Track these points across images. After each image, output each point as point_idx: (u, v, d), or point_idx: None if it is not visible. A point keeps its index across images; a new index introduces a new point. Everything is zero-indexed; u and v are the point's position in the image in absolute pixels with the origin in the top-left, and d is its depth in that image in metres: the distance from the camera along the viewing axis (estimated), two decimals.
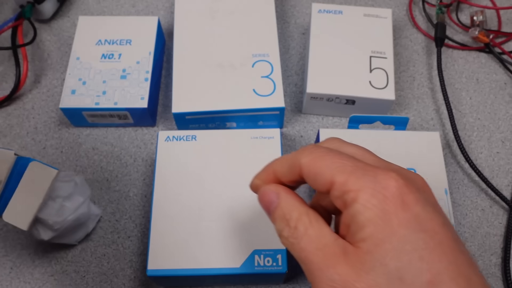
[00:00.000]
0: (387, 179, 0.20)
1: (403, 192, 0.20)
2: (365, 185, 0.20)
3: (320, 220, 0.22)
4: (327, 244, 0.20)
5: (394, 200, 0.19)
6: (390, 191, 0.20)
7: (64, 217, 0.34)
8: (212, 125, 0.43)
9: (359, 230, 0.20)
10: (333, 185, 0.21)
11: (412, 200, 0.20)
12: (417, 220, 0.19)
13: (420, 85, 0.48)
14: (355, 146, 0.24)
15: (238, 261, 0.33)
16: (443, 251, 0.19)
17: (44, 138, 0.44)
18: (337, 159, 0.21)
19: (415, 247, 0.19)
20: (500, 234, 0.40)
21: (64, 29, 0.50)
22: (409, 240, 0.19)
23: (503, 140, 0.45)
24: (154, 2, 0.52)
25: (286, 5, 0.53)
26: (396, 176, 0.20)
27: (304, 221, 0.22)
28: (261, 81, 0.41)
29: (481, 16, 0.50)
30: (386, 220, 0.19)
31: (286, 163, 0.24)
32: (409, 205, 0.19)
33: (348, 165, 0.21)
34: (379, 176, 0.20)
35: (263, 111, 0.41)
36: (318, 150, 0.23)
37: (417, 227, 0.19)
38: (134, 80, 0.42)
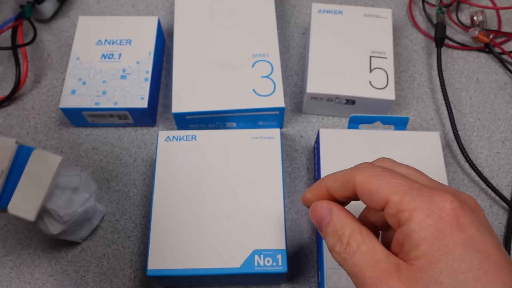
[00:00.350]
0: (442, 200, 0.21)
1: (458, 214, 0.20)
2: (420, 205, 0.21)
3: (372, 236, 0.22)
4: (380, 260, 0.21)
5: (450, 221, 0.20)
6: (445, 212, 0.20)
7: (73, 209, 0.35)
8: (212, 125, 0.43)
9: (414, 248, 0.20)
10: (387, 204, 0.22)
11: (467, 221, 0.20)
12: (472, 241, 0.20)
13: (420, 85, 0.48)
14: (406, 166, 0.25)
15: (238, 261, 0.33)
16: (497, 272, 0.19)
17: (44, 138, 0.44)
18: (392, 179, 0.22)
19: (470, 267, 0.19)
20: (500, 234, 0.40)
21: (64, 29, 0.50)
22: (464, 259, 0.19)
23: (503, 140, 0.45)
24: (154, 2, 0.52)
25: (286, 5, 0.53)
26: (451, 197, 0.21)
27: (356, 237, 0.22)
28: (261, 81, 0.41)
29: (481, 16, 0.50)
30: (441, 240, 0.20)
31: (340, 179, 0.25)
32: (464, 226, 0.20)
33: (403, 184, 0.22)
34: (434, 197, 0.21)
35: (263, 111, 0.41)
36: (373, 168, 0.23)
37: (472, 248, 0.20)
38: (134, 80, 0.42)
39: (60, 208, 0.34)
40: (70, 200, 0.35)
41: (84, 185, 0.37)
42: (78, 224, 0.36)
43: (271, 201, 0.35)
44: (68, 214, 0.34)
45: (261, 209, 0.35)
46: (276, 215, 0.35)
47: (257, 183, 0.36)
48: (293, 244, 0.39)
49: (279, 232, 0.34)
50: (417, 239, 0.20)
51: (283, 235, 0.34)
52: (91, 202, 0.36)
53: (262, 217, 0.35)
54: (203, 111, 0.40)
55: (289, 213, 0.40)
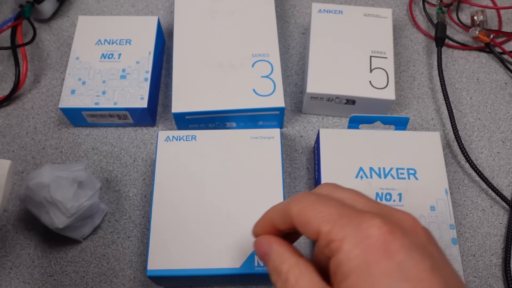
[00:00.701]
0: (370, 227, 0.20)
1: (386, 240, 0.20)
2: (348, 234, 0.20)
3: (311, 269, 0.22)
4: None
5: (377, 249, 0.20)
6: (372, 240, 0.20)
7: (80, 202, 0.35)
8: (212, 125, 0.43)
9: (344, 279, 0.20)
10: (319, 235, 0.21)
11: (396, 247, 0.20)
12: (400, 269, 0.19)
13: (421, 85, 0.48)
14: (347, 190, 0.24)
15: (238, 261, 0.33)
16: None
17: (43, 138, 0.44)
18: (324, 208, 0.22)
19: None
20: (501, 234, 0.40)
21: (64, 28, 0.50)
22: (387, 283, 0.19)
23: (503, 140, 0.45)
24: (153, 1, 0.52)
25: (286, 5, 0.53)
26: (379, 223, 0.20)
27: (294, 272, 0.22)
28: (261, 81, 0.41)
29: (482, 16, 0.49)
30: (368, 270, 0.19)
31: (280, 212, 0.24)
32: (392, 253, 0.19)
33: (333, 213, 0.21)
34: (363, 224, 0.20)
35: (263, 111, 0.41)
36: (306, 199, 0.23)
37: (400, 276, 0.19)
38: (134, 80, 0.42)
39: (67, 200, 0.34)
40: (76, 194, 0.35)
41: (89, 181, 0.37)
42: (82, 220, 0.37)
43: (271, 201, 0.35)
44: (74, 206, 0.35)
45: (261, 209, 0.35)
46: None
47: (257, 183, 0.36)
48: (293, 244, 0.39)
49: None
50: (346, 270, 0.20)
51: None
52: (95, 198, 0.37)
53: None
54: (203, 111, 0.40)
55: None
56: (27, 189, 0.35)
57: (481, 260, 0.39)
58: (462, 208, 0.41)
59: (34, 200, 0.35)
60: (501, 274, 0.38)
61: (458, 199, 0.42)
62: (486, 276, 0.38)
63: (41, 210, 0.35)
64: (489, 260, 0.39)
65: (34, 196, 0.35)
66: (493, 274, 0.38)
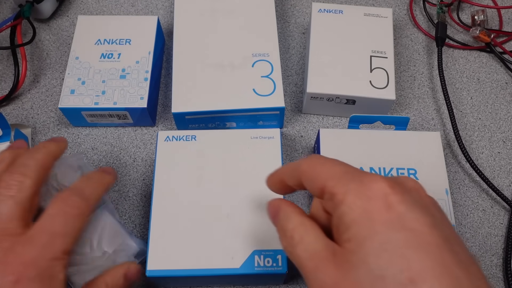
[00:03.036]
0: (372, 181, 0.21)
1: (386, 193, 0.20)
2: (351, 188, 0.21)
3: (316, 228, 0.23)
4: (319, 249, 0.22)
5: (378, 201, 0.20)
6: (373, 193, 0.21)
7: None
8: (212, 125, 0.43)
9: (345, 230, 0.21)
10: (324, 190, 0.22)
11: (396, 200, 0.20)
12: (400, 220, 0.20)
13: (421, 85, 0.48)
14: None
15: (238, 261, 0.33)
16: (427, 250, 0.19)
17: (43, 138, 0.44)
18: (330, 166, 0.23)
19: (397, 246, 0.19)
20: (501, 234, 0.40)
21: (63, 28, 0.50)
22: (390, 239, 0.19)
23: (504, 140, 0.45)
24: (153, 1, 0.52)
25: (286, 5, 0.52)
26: (381, 179, 0.21)
27: (299, 230, 0.23)
28: (261, 81, 0.41)
29: (482, 16, 0.49)
30: (368, 220, 0.20)
31: (291, 169, 0.26)
32: (393, 206, 0.20)
33: (338, 171, 0.23)
34: (365, 179, 0.21)
35: (263, 111, 0.41)
36: (316, 158, 0.24)
37: (400, 227, 0.19)
38: (134, 80, 0.42)
39: None
40: None
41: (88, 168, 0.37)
42: None
43: None
44: None
45: (261, 209, 0.35)
46: None
47: (257, 183, 0.36)
48: None
49: None
50: (347, 221, 0.21)
51: None
52: None
53: (262, 217, 0.34)
54: (203, 111, 0.40)
55: None
56: None
57: (481, 260, 0.39)
58: (462, 208, 0.41)
59: None
60: (501, 275, 0.38)
61: (458, 199, 0.41)
62: (487, 276, 0.38)
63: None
64: (490, 261, 0.39)
65: None
66: (493, 275, 0.38)
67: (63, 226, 0.26)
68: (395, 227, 0.20)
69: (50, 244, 0.26)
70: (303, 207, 0.41)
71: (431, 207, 0.22)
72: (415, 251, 0.19)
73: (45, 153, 0.30)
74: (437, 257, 0.19)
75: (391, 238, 0.19)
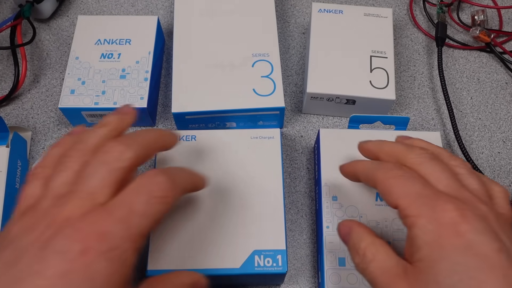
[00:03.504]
0: (444, 210, 0.23)
1: (457, 222, 0.22)
2: (423, 212, 0.23)
3: (386, 246, 0.25)
4: (391, 267, 0.24)
5: (448, 228, 0.22)
6: (445, 221, 0.22)
7: None
8: (212, 125, 0.43)
9: (417, 251, 0.23)
10: (397, 207, 0.25)
11: (466, 229, 0.22)
12: (469, 246, 0.22)
13: (421, 85, 0.48)
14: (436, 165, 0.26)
15: (238, 261, 0.33)
16: (494, 272, 0.21)
17: (43, 138, 0.44)
18: (405, 185, 0.25)
19: (467, 268, 0.21)
20: None
21: (63, 28, 0.50)
22: (460, 262, 0.21)
23: (504, 140, 0.45)
24: (153, 1, 0.52)
25: (286, 5, 0.52)
26: (452, 208, 0.23)
27: (371, 249, 0.25)
28: (261, 81, 0.41)
29: (482, 16, 0.49)
30: (439, 244, 0.22)
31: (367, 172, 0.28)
32: (463, 233, 0.22)
33: (413, 192, 0.24)
34: (438, 207, 0.23)
35: (263, 111, 0.41)
36: (393, 171, 0.26)
37: (469, 252, 0.22)
38: (134, 80, 0.42)
39: None
40: None
41: None
42: None
43: (271, 201, 0.35)
44: None
45: (261, 209, 0.35)
46: (276, 215, 0.34)
47: (257, 183, 0.36)
48: (293, 244, 0.39)
49: (279, 232, 0.34)
50: (419, 243, 0.23)
51: (283, 235, 0.34)
52: None
53: (262, 217, 0.34)
54: (203, 111, 0.40)
55: (289, 213, 0.40)
56: None
57: None
58: None
59: None
60: None
61: None
62: None
63: None
64: None
65: None
66: None
67: (144, 205, 0.24)
68: (464, 252, 0.22)
69: (127, 220, 0.23)
70: (303, 207, 0.41)
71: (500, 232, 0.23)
72: (483, 273, 0.21)
73: (155, 136, 0.28)
74: (503, 278, 0.21)
75: (461, 261, 0.21)
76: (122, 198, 0.24)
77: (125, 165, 0.25)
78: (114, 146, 0.25)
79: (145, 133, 0.28)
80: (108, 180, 0.24)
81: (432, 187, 0.25)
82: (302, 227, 0.40)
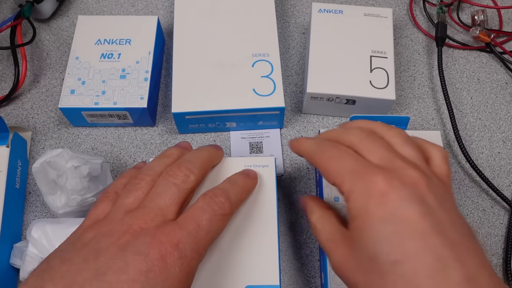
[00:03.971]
0: (372, 182, 0.25)
1: (383, 192, 0.25)
2: (355, 187, 0.26)
3: (332, 218, 0.29)
4: (333, 235, 0.27)
5: (376, 198, 0.25)
6: (373, 191, 0.25)
7: (85, 197, 0.36)
8: (212, 125, 0.43)
9: (351, 221, 0.26)
10: (334, 185, 0.27)
11: (391, 197, 0.24)
12: (393, 214, 0.24)
13: (421, 85, 0.48)
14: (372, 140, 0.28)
15: None
16: (414, 237, 0.23)
17: (43, 138, 0.44)
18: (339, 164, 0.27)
19: (389, 235, 0.24)
20: (501, 234, 0.40)
21: (63, 28, 0.50)
22: (384, 229, 0.24)
23: (504, 140, 0.45)
24: (153, 1, 0.52)
25: (286, 5, 0.52)
26: (380, 179, 0.25)
27: (320, 222, 0.29)
28: (261, 81, 0.41)
29: (482, 16, 0.49)
30: (368, 214, 0.25)
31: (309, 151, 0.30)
32: (387, 202, 0.24)
33: (346, 169, 0.27)
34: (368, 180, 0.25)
35: (263, 111, 0.41)
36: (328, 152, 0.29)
37: (392, 219, 0.24)
38: (134, 80, 0.42)
39: (75, 192, 0.35)
40: (85, 187, 0.36)
41: (103, 176, 0.38)
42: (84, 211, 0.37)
43: (264, 234, 0.33)
44: (77, 199, 0.36)
45: (254, 242, 0.33)
46: (270, 249, 0.32)
47: (250, 215, 0.33)
48: (293, 244, 0.39)
49: (273, 267, 0.32)
50: (353, 214, 0.26)
51: (276, 269, 0.32)
52: None
53: (255, 251, 0.32)
54: (203, 111, 0.40)
55: (289, 213, 0.40)
56: (45, 163, 0.36)
57: None
58: (462, 208, 0.41)
59: (47, 175, 0.36)
60: (501, 275, 0.38)
61: (458, 199, 0.41)
62: None
63: (48, 188, 0.36)
64: (490, 261, 0.39)
65: (48, 172, 0.35)
66: None
67: (208, 222, 0.28)
68: (388, 220, 0.24)
69: (195, 233, 0.27)
70: None
71: (427, 197, 0.25)
72: (404, 238, 0.23)
73: (208, 156, 0.32)
74: (422, 241, 0.23)
75: (385, 229, 0.24)
76: (190, 214, 0.28)
77: (190, 187, 0.29)
78: (179, 170, 0.29)
79: (200, 155, 0.32)
80: (176, 199, 0.28)
81: (364, 162, 0.27)
82: (302, 227, 0.40)
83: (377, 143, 0.28)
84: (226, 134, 0.44)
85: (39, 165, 0.36)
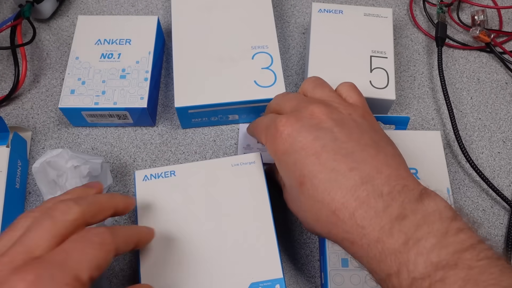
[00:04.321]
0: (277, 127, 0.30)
1: (283, 131, 0.29)
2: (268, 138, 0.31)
3: None
4: None
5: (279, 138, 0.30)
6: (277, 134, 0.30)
7: None
8: (215, 118, 0.43)
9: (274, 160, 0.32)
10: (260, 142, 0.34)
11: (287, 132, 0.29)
12: (293, 145, 0.29)
13: (421, 85, 0.48)
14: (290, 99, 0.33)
15: None
16: (310, 159, 0.28)
17: (43, 138, 0.44)
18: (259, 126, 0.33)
19: (291, 164, 0.29)
20: (501, 234, 0.40)
21: (63, 28, 0.50)
22: (287, 161, 0.29)
23: (504, 140, 0.45)
24: (153, 1, 0.52)
25: (286, 5, 0.53)
26: (280, 122, 0.30)
27: None
28: (262, 72, 0.41)
29: (482, 16, 0.49)
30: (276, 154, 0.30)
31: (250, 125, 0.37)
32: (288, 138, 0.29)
33: (263, 128, 0.32)
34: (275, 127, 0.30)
35: (265, 102, 0.41)
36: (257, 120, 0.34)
37: (291, 151, 0.29)
38: (134, 80, 0.42)
39: None
40: None
41: (102, 176, 0.38)
42: None
43: (261, 230, 0.33)
44: None
45: (252, 240, 0.33)
46: (269, 244, 0.33)
47: (245, 213, 0.34)
48: (293, 244, 0.39)
49: (274, 261, 0.32)
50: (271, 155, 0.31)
51: (278, 262, 0.32)
52: None
53: (254, 247, 0.33)
54: (206, 104, 0.40)
55: (289, 213, 0.40)
56: (45, 163, 0.35)
57: None
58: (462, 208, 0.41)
59: (47, 175, 0.36)
60: None
61: (458, 199, 0.41)
62: None
63: (48, 188, 0.36)
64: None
65: (48, 172, 0.35)
66: None
67: (80, 251, 0.25)
68: (289, 153, 0.29)
69: (62, 265, 0.24)
70: None
71: (324, 122, 0.29)
72: (302, 164, 0.28)
73: (108, 198, 0.30)
74: (316, 160, 0.27)
75: (288, 160, 0.29)
76: (60, 247, 0.25)
77: (70, 219, 0.26)
78: (62, 202, 0.27)
79: (99, 195, 0.30)
80: (48, 234, 0.25)
81: (275, 116, 0.31)
82: (302, 227, 0.40)
83: (288, 97, 0.33)
84: (235, 127, 0.44)
85: (39, 165, 0.36)
